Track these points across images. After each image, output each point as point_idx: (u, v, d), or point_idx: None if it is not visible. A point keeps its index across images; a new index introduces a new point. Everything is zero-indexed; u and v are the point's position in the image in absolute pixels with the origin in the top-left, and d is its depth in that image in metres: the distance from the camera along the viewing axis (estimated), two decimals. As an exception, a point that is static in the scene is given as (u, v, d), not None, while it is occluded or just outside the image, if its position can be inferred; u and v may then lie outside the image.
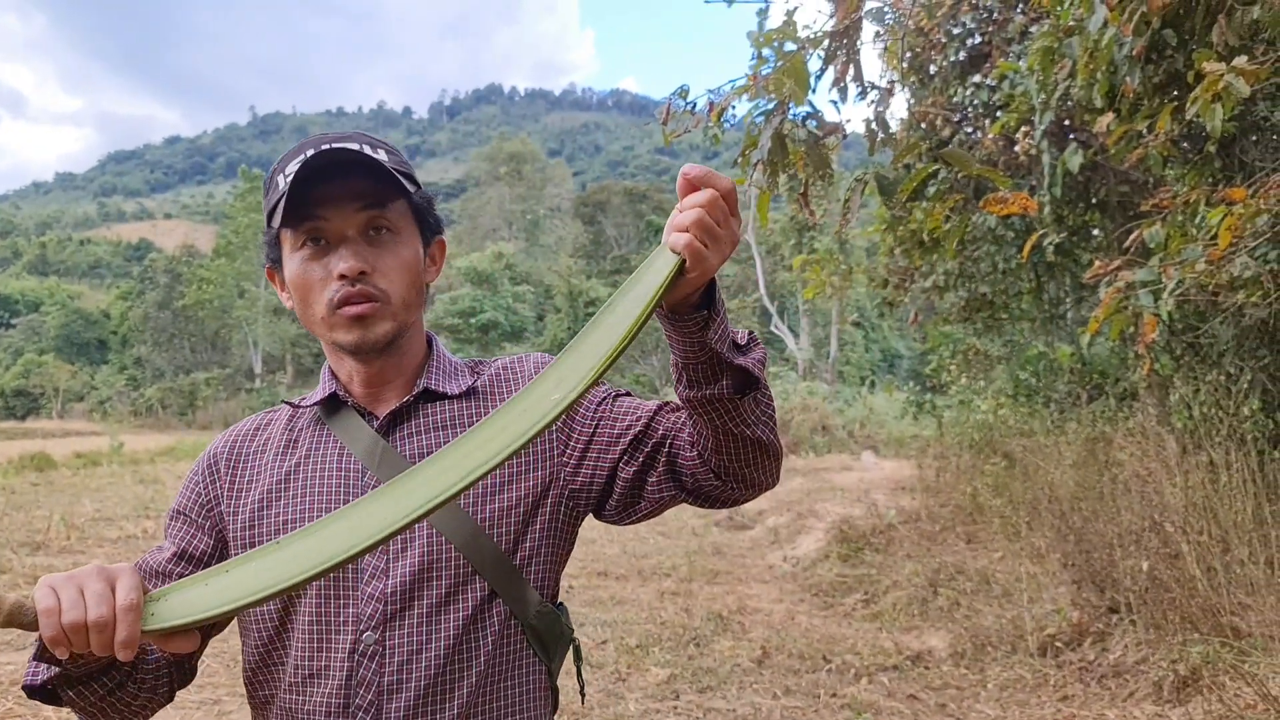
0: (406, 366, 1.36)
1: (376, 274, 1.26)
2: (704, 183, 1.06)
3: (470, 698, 1.24)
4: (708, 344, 1.12)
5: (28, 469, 17.81)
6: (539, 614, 1.30)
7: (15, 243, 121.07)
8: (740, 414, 1.18)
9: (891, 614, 6.90)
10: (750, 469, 1.25)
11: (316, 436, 1.35)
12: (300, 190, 1.21)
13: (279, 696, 1.28)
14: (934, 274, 8.92)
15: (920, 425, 15.61)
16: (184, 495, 1.38)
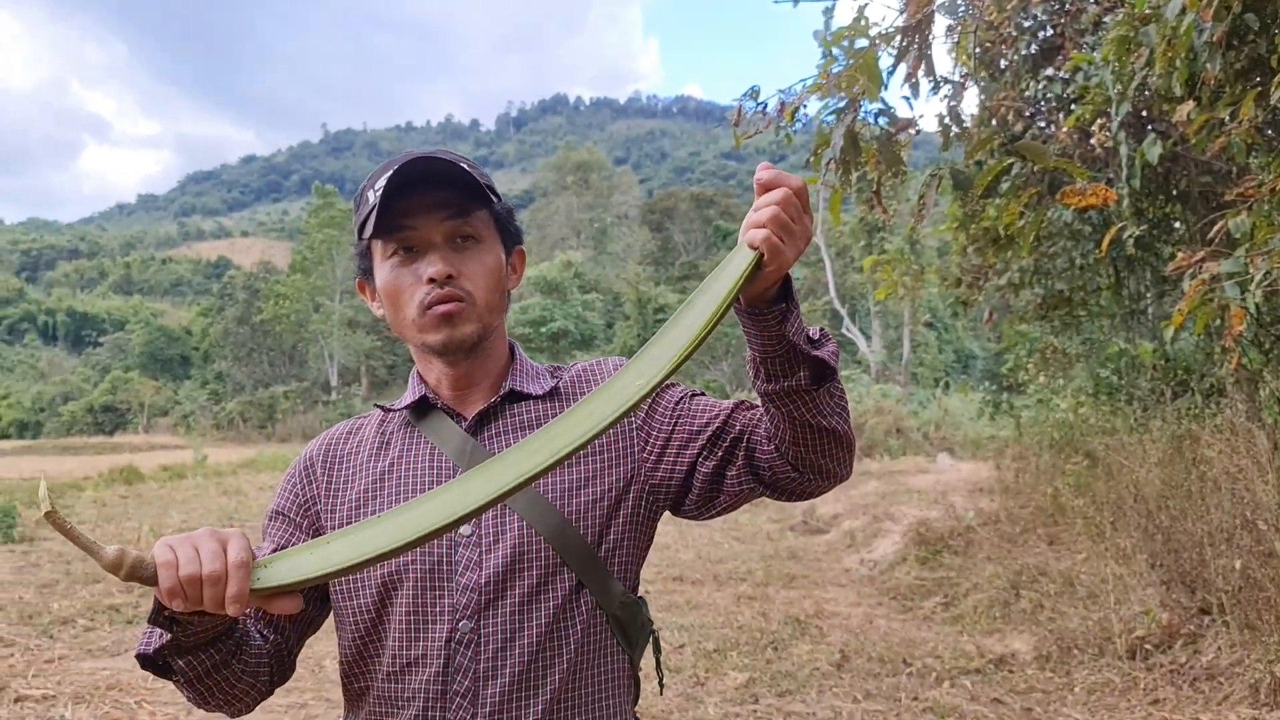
0: (491, 370, 1.42)
1: (462, 277, 1.32)
2: (776, 182, 1.11)
3: (561, 684, 1.28)
4: (786, 336, 1.17)
5: (117, 482, 18.37)
6: (623, 604, 1.34)
7: (101, 263, 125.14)
8: (817, 405, 1.23)
9: (972, 617, 6.80)
10: (826, 459, 1.28)
11: (408, 438, 1.40)
12: (390, 202, 1.27)
13: (376, 685, 1.32)
14: (1009, 271, 8.76)
15: (997, 426, 15.34)
16: (282, 496, 1.43)
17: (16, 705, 5.12)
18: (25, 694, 5.28)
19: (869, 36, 2.85)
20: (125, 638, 6.65)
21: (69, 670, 5.82)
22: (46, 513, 0.93)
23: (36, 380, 73.13)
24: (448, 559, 1.29)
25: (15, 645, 6.32)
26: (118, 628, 6.94)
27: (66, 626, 6.92)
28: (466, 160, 1.35)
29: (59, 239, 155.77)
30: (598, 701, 1.32)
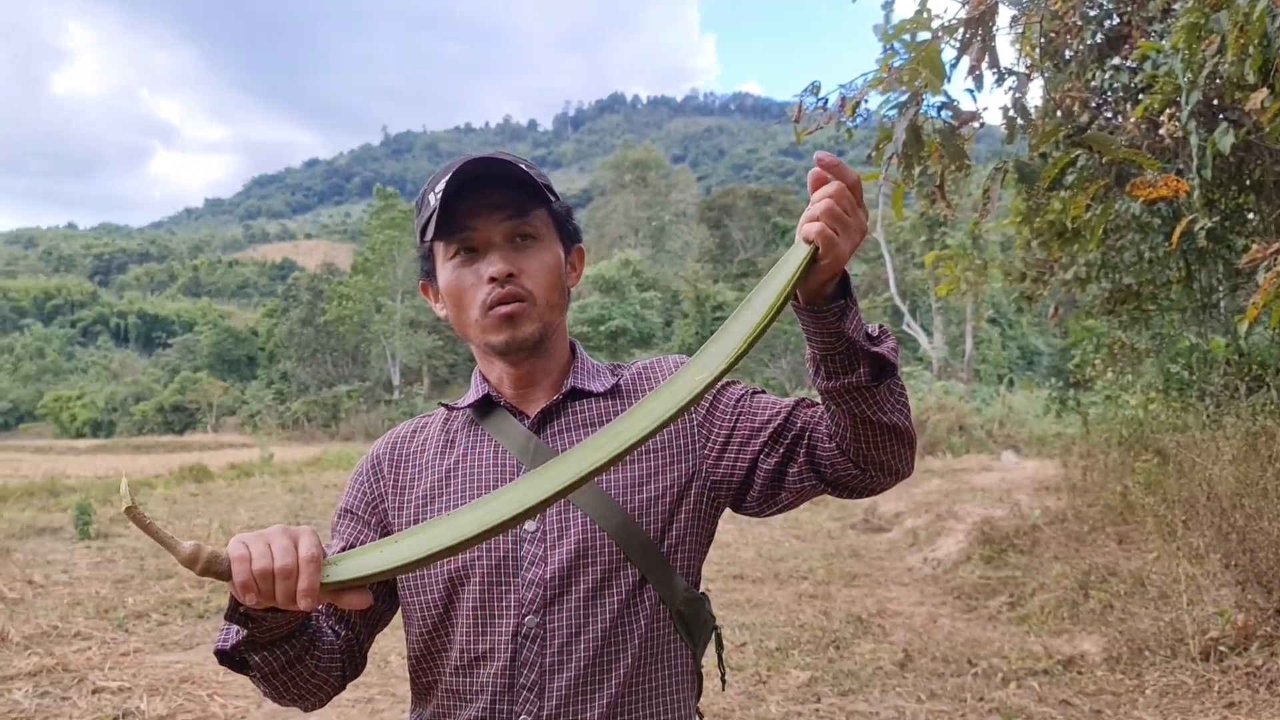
0: (552, 368, 1.43)
1: (523, 276, 1.34)
2: (833, 173, 1.12)
3: (626, 678, 1.29)
4: (845, 333, 1.17)
5: (187, 480, 18.80)
6: (685, 600, 1.35)
7: (171, 266, 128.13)
8: (877, 401, 1.22)
9: (1039, 617, 6.69)
10: (887, 455, 1.28)
11: (472, 436, 1.42)
12: (450, 204, 1.30)
13: (444, 680, 1.34)
14: (1074, 266, 8.60)
15: (1063, 423, 15.07)
16: (351, 495, 1.46)
17: (94, 696, 5.27)
18: (102, 685, 5.43)
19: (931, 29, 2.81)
20: (197, 632, 6.81)
21: (144, 663, 5.97)
22: (127, 508, 0.96)
23: (109, 381, 75.15)
24: (513, 554, 1.31)
25: (93, 639, 6.49)
26: (190, 622, 7.10)
27: (141, 621, 7.10)
28: (524, 160, 1.37)
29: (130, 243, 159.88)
30: (661, 696, 1.33)
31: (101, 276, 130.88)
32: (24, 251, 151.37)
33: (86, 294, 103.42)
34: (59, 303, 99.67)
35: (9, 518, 12.50)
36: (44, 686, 5.42)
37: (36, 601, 7.61)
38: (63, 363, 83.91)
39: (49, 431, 64.45)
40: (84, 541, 10.77)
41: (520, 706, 1.28)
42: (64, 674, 5.66)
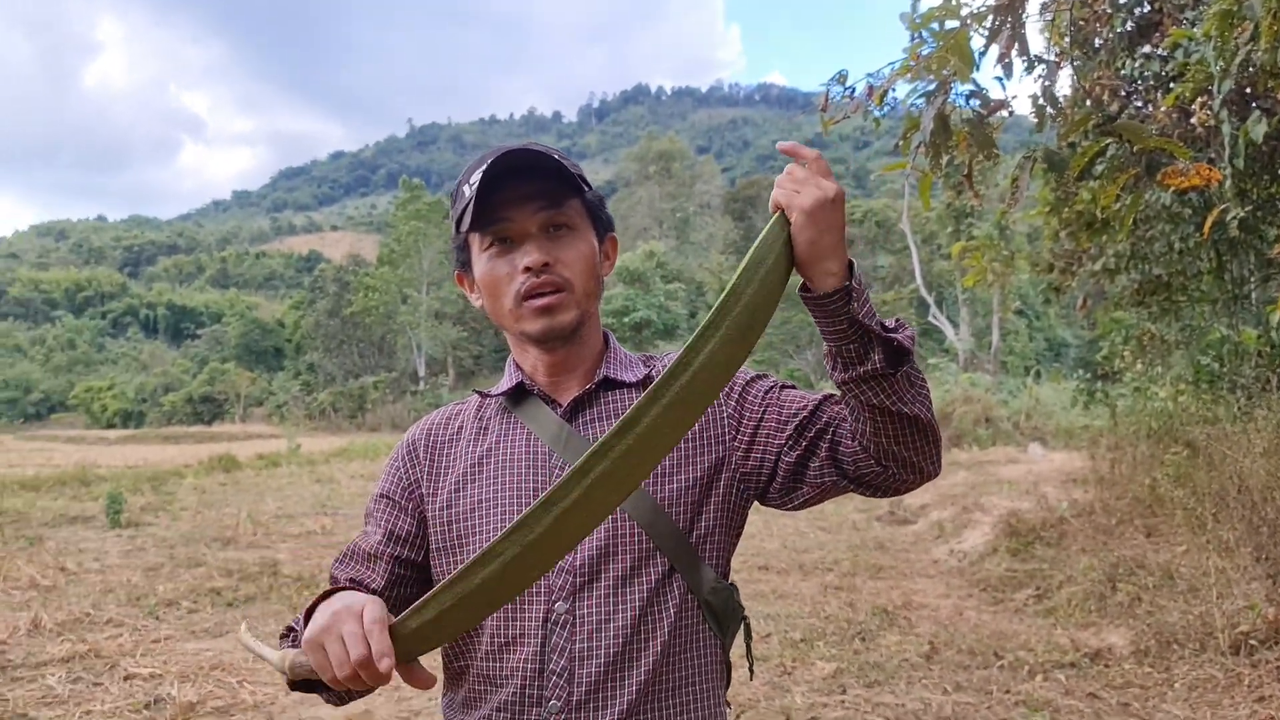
0: (586, 357, 1.44)
1: (559, 265, 1.35)
2: (789, 153, 1.21)
3: (655, 667, 1.31)
4: (854, 317, 1.17)
5: (216, 469, 18.99)
6: (714, 590, 1.36)
7: (199, 258, 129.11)
8: (895, 389, 1.21)
9: (1066, 610, 6.65)
10: (909, 450, 1.27)
11: (505, 424, 1.44)
12: (485, 195, 1.31)
13: (475, 665, 1.36)
14: (1103, 257, 8.52)
15: (1091, 415, 14.96)
16: (387, 480, 1.48)
17: (126, 682, 5.33)
18: (134, 672, 5.49)
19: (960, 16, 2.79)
20: (226, 620, 6.88)
21: (174, 650, 6.04)
22: (240, 637, 1.10)
23: (139, 372, 75.90)
24: None
25: (124, 626, 6.57)
26: (219, 610, 7.18)
27: (171, 608, 7.18)
28: (557, 151, 1.37)
29: (159, 235, 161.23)
30: (691, 685, 1.34)
31: (131, 268, 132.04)
32: (55, 244, 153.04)
33: (116, 285, 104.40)
34: (89, 294, 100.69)
35: (42, 506, 12.67)
36: (77, 672, 5.49)
37: (69, 589, 7.72)
38: (93, 354, 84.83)
39: (80, 422, 65.21)
40: (115, 530, 10.89)
41: (550, 692, 1.29)
42: (96, 660, 5.74)
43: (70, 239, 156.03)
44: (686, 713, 1.33)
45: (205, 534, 10.54)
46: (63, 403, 72.35)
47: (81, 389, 69.60)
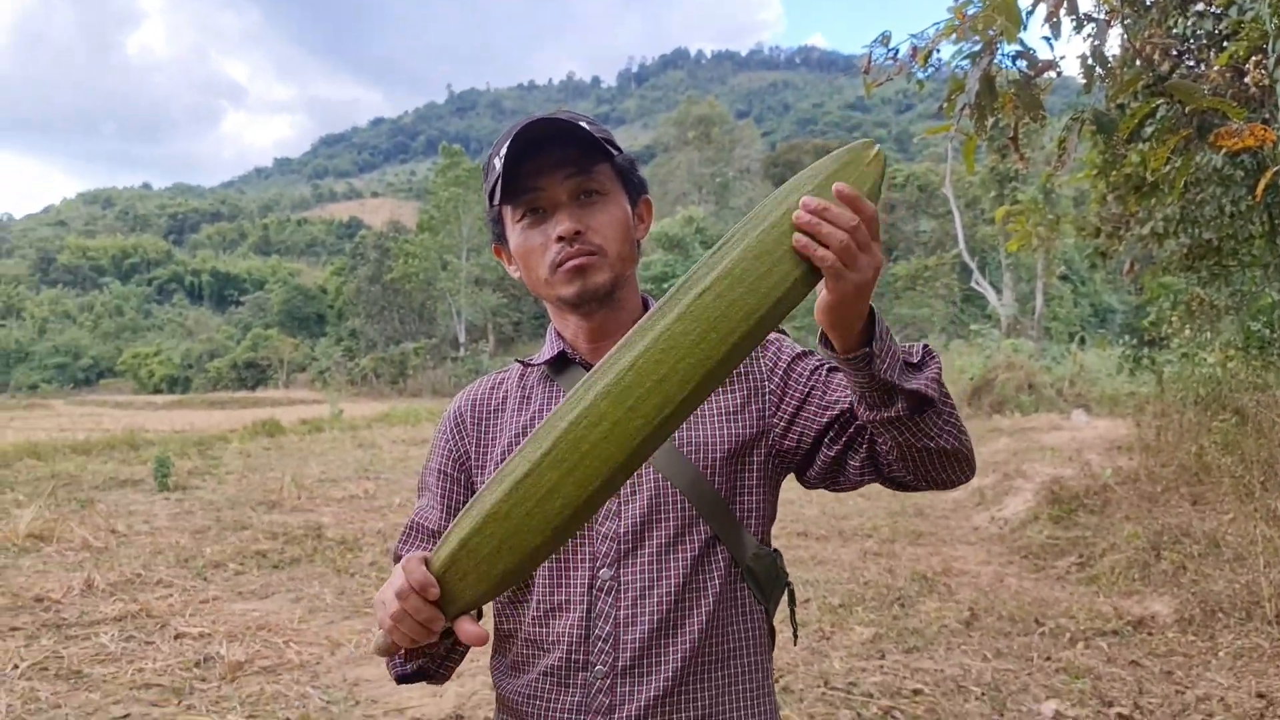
0: (625, 321, 1.42)
1: (590, 231, 1.34)
2: (850, 205, 1.04)
3: (701, 633, 1.31)
4: (877, 376, 1.15)
5: (260, 434, 19.25)
6: (755, 556, 1.36)
7: (241, 225, 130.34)
8: (922, 429, 1.21)
9: (1109, 578, 6.60)
10: (940, 471, 1.28)
11: (547, 392, 1.44)
12: (514, 167, 1.31)
13: (523, 629, 1.38)
14: (1152, 220, 8.35)
15: (1137, 382, 14.77)
16: (439, 454, 1.49)
17: (176, 641, 5.45)
18: (184, 631, 5.61)
19: (1007, -25, 2.74)
20: (272, 581, 7.00)
21: (222, 610, 6.16)
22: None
23: (185, 338, 77.05)
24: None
25: (173, 587, 6.71)
26: (265, 572, 7.31)
27: (219, 570, 7.32)
28: (584, 117, 1.36)
29: (202, 203, 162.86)
30: (737, 652, 1.35)
31: (175, 236, 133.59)
32: (101, 211, 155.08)
33: (161, 253, 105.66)
34: (135, 261, 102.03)
35: (93, 470, 12.93)
36: (129, 631, 5.62)
37: (120, 550, 7.88)
38: (140, 320, 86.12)
39: (128, 387, 66.35)
40: (163, 493, 11.10)
41: (596, 657, 1.31)
42: (147, 619, 5.87)
43: (116, 207, 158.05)
44: (734, 681, 1.34)
45: (250, 497, 10.71)
46: (111, 368, 73.62)
47: (129, 355, 70.79)
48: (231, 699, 4.54)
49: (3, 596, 6.21)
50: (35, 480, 11.65)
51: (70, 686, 4.68)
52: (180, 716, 4.31)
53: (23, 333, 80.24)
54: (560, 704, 1.32)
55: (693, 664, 1.31)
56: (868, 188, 1.07)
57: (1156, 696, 4.53)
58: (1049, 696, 4.54)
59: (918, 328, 38.35)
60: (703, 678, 1.32)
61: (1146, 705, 4.42)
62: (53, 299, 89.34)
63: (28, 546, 7.78)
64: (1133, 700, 4.47)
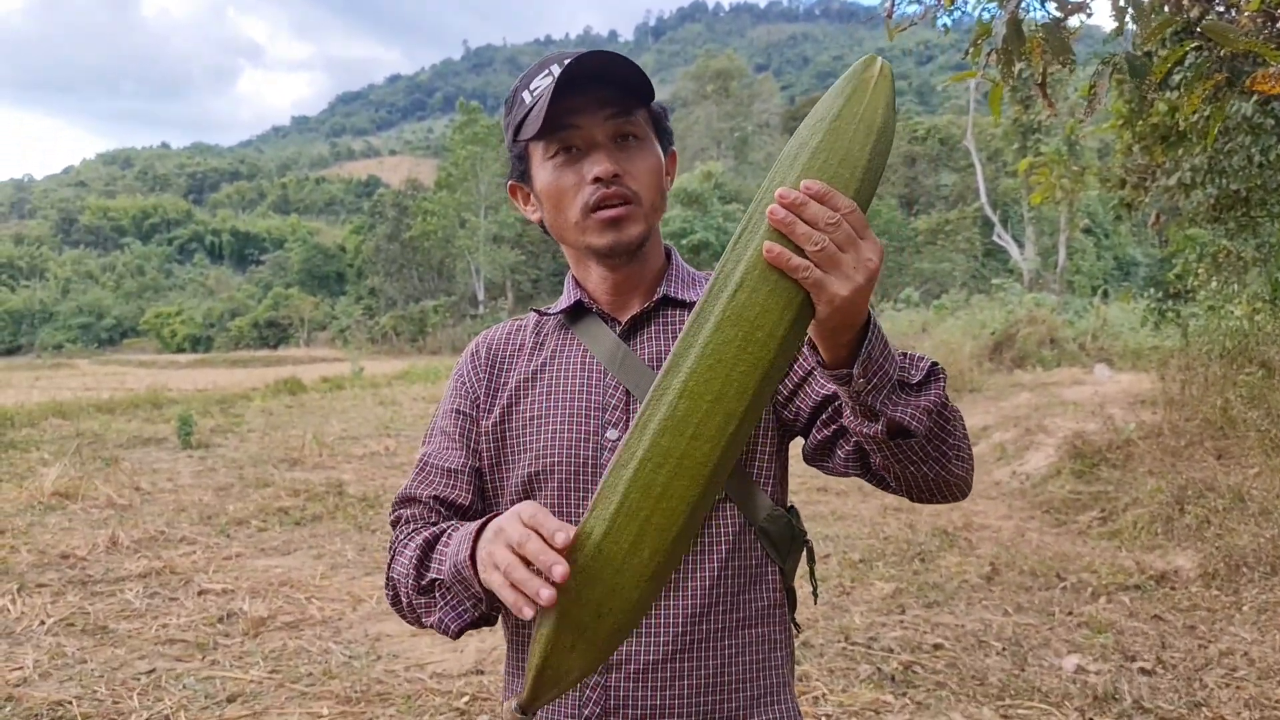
0: (647, 274, 1.40)
1: (628, 176, 1.29)
2: (823, 201, 0.94)
3: (706, 592, 1.29)
4: (859, 396, 1.07)
5: (282, 393, 19.37)
6: (770, 517, 1.33)
7: (260, 184, 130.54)
8: (902, 454, 1.13)
9: (1132, 532, 6.56)
10: (921, 493, 1.21)
11: (561, 340, 1.41)
12: (552, 102, 1.24)
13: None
14: (1179, 171, 8.20)
15: (1161, 335, 14.61)
16: (456, 395, 1.45)
17: (200, 597, 5.50)
18: (207, 588, 5.67)
19: (1036, -87, 2.65)
20: (294, 538, 7.05)
21: (245, 567, 6.21)
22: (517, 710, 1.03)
23: (206, 297, 77.44)
24: (592, 461, 1.30)
25: (197, 544, 6.77)
26: (287, 529, 7.36)
27: (241, 527, 7.37)
28: (624, 58, 1.30)
29: (221, 162, 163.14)
30: (750, 617, 1.32)
31: (195, 195, 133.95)
32: (121, 171, 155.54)
33: (181, 212, 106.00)
34: (156, 221, 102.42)
35: (117, 428, 13.04)
36: (153, 587, 5.68)
37: (144, 508, 7.95)
38: (162, 280, 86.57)
39: (151, 347, 66.83)
40: (186, 451, 11.18)
41: None
42: (171, 576, 5.92)
43: (135, 167, 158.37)
44: (745, 647, 1.32)
45: (273, 455, 10.78)
46: (134, 328, 74.13)
47: (151, 314, 71.22)
48: (254, 654, 4.58)
49: (30, 553, 6.28)
50: (61, 439, 11.76)
51: (96, 642, 4.73)
52: (204, 671, 4.35)
53: (46, 293, 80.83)
54: None
55: (697, 627, 1.28)
56: (879, 117, 0.99)
57: (1179, 651, 4.51)
58: (1070, 651, 4.53)
59: (938, 282, 38.08)
60: (709, 642, 1.29)
61: (1169, 659, 4.40)
62: (75, 259, 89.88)
63: (53, 504, 7.86)
64: (1155, 654, 4.45)
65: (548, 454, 1.32)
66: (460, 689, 4.18)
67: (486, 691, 4.14)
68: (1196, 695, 3.99)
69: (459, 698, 4.09)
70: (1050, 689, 4.05)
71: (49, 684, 4.16)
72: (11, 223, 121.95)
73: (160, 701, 3.99)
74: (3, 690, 4.04)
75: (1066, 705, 3.88)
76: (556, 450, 1.31)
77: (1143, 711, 3.83)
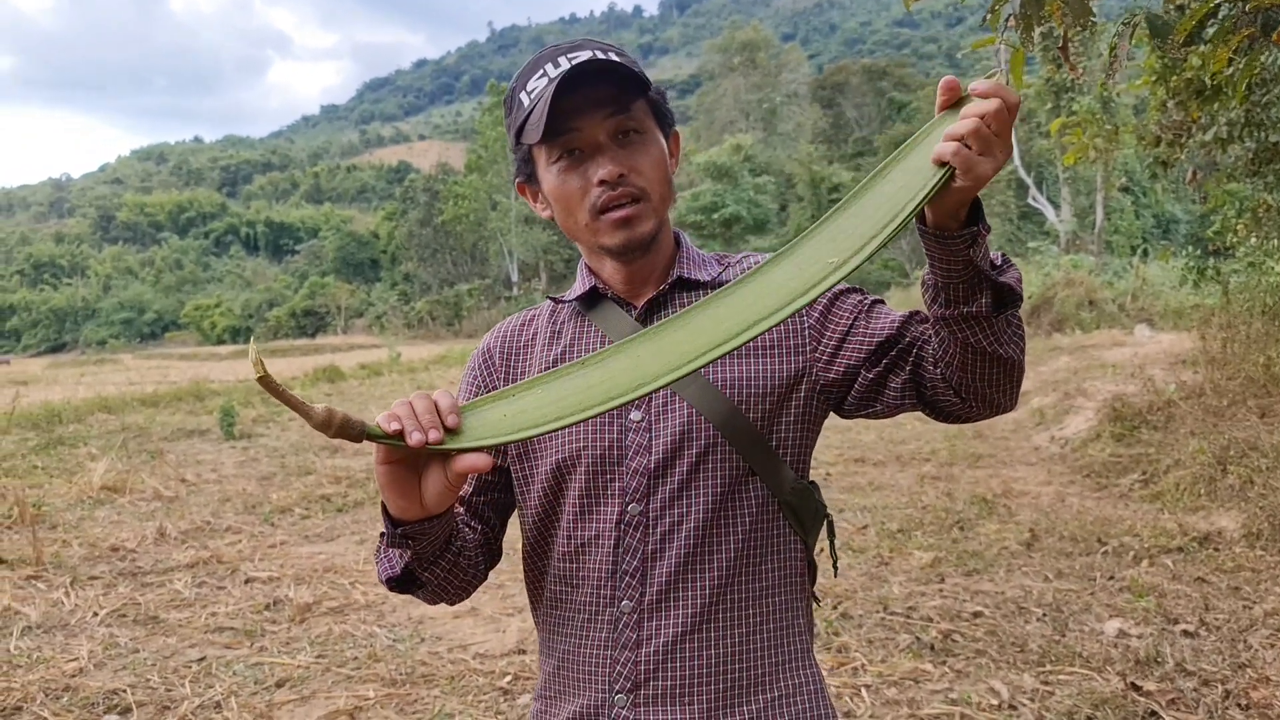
0: (660, 262, 1.41)
1: (633, 174, 1.30)
2: (992, 94, 1.05)
3: (730, 565, 1.30)
4: (972, 261, 1.12)
5: (322, 380, 19.57)
6: (794, 490, 1.34)
7: (292, 175, 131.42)
8: (995, 331, 1.18)
9: (1174, 494, 6.50)
10: (993, 389, 1.24)
11: (578, 328, 1.42)
12: (550, 106, 1.25)
13: (553, 566, 1.38)
14: (1215, 125, 8.05)
15: (1202, 293, 14.37)
16: (466, 390, 1.48)
17: (246, 586, 5.61)
18: (253, 576, 5.77)
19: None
20: (337, 525, 7.16)
21: (289, 554, 6.32)
22: (260, 378, 0.97)
23: (243, 289, 78.36)
24: (619, 443, 1.32)
25: (242, 533, 6.89)
26: (330, 516, 7.47)
27: (285, 515, 7.49)
28: (613, 48, 1.32)
29: (253, 154, 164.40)
30: (771, 589, 1.34)
31: (229, 188, 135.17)
32: (155, 167, 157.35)
33: (216, 205, 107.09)
34: (191, 215, 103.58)
35: (161, 421, 13.24)
36: (201, 577, 5.79)
37: (190, 499, 8.10)
38: (199, 273, 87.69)
39: (192, 339, 67.80)
40: (229, 442, 11.35)
41: (623, 593, 1.30)
42: (218, 565, 6.04)
43: (169, 162, 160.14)
44: (766, 618, 1.33)
45: (314, 443, 10.91)
46: (175, 321, 75.23)
47: (191, 307, 72.19)
48: (301, 640, 4.67)
49: (81, 547, 6.43)
50: (107, 433, 11.97)
51: (148, 631, 4.84)
52: (253, 658, 4.44)
53: (88, 290, 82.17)
54: (590, 640, 1.33)
55: (721, 599, 1.30)
56: (925, 192, 1.07)
57: (1223, 612, 4.48)
58: (1112, 616, 4.51)
59: (974, 247, 37.58)
60: (733, 613, 1.31)
61: (1213, 621, 4.37)
62: (115, 256, 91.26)
63: (102, 498, 8.02)
64: (1199, 617, 4.42)
65: (574, 441, 1.33)
66: (503, 669, 4.23)
67: (529, 671, 4.20)
68: (1241, 656, 3.96)
69: (501, 677, 4.15)
70: (1091, 654, 4.04)
71: (104, 673, 4.27)
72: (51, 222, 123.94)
73: (211, 688, 4.08)
74: (60, 680, 4.15)
75: (1108, 669, 3.87)
76: (582, 436, 1.33)
77: (1186, 674, 3.81)
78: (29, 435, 11.72)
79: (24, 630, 4.82)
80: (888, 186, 1.09)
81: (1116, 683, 3.74)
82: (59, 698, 4.00)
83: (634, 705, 1.30)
